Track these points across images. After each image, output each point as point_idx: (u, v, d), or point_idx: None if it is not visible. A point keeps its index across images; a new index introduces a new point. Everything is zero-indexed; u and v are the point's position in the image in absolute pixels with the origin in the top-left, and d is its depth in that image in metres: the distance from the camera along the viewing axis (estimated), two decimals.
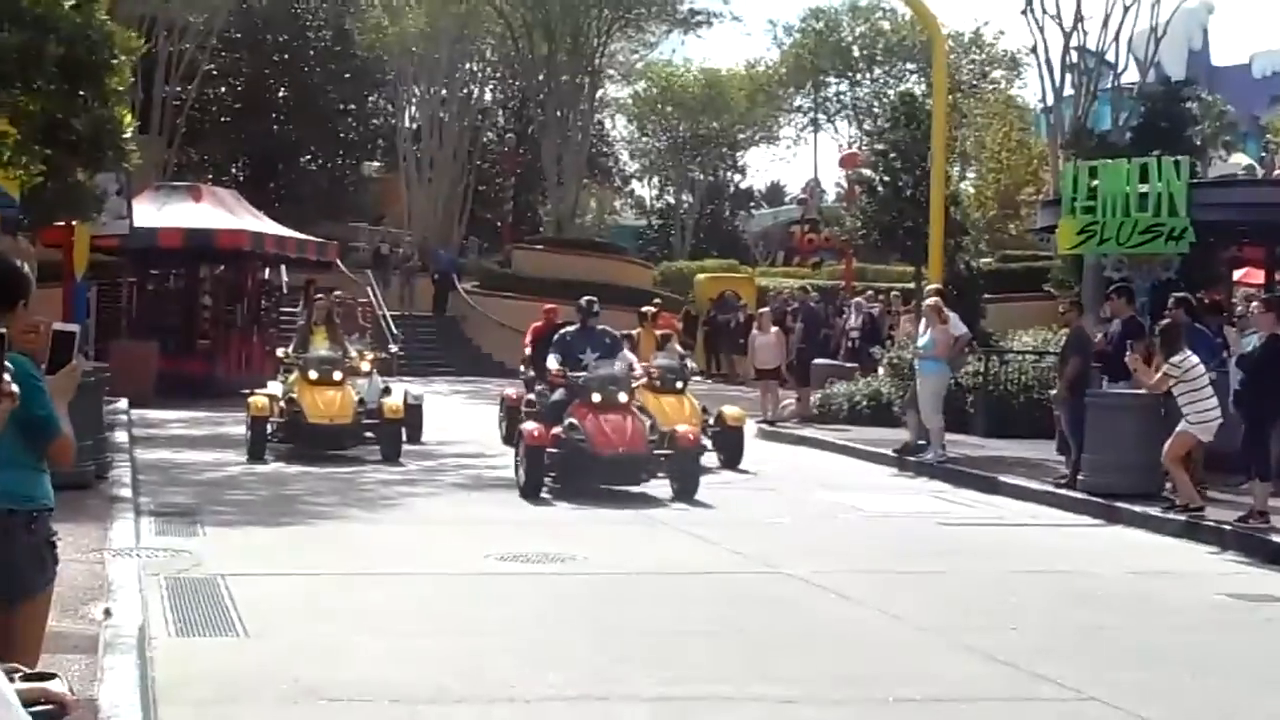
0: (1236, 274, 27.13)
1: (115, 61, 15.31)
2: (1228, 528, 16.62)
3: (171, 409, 27.13)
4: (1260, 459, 17.25)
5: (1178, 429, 17.76)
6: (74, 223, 19.45)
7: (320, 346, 21.26)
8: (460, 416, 28.97)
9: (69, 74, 14.29)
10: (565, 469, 18.77)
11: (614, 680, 9.94)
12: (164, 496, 17.33)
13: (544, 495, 19.19)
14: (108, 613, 9.81)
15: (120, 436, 20.46)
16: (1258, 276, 25.77)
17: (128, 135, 16.80)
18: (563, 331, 20.97)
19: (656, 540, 16.38)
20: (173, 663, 9.47)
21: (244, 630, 10.86)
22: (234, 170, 42.74)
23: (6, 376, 4.71)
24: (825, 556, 15.17)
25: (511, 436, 24.58)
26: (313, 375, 20.26)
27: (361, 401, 20.83)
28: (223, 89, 46.63)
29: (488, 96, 58.97)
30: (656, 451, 19.28)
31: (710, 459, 22.04)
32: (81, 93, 14.70)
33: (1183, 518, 17.31)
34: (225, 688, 9.16)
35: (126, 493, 16.43)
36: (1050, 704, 9.94)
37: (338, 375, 20.44)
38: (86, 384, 12.62)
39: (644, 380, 22.42)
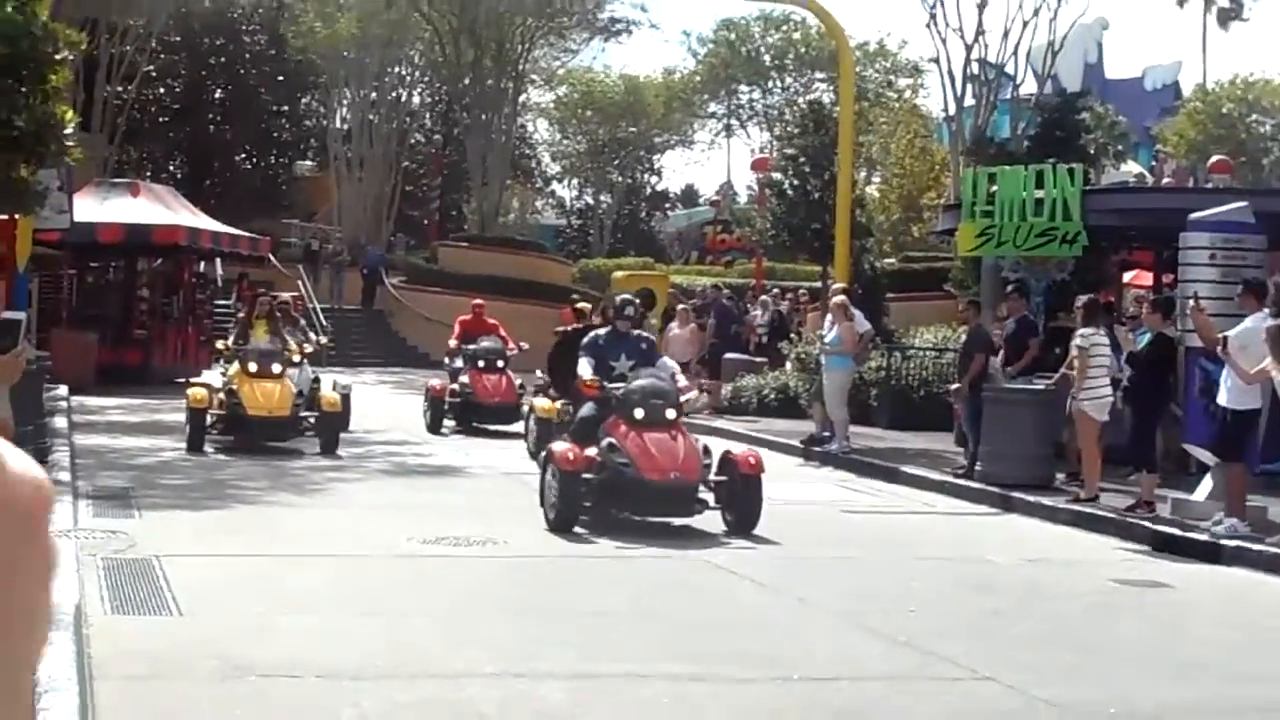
0: (1127, 276, 27.67)
1: (57, 59, 15.49)
2: (1117, 517, 16.91)
3: (110, 396, 27.13)
4: (1147, 452, 17.72)
5: (1075, 412, 18.38)
6: (16, 216, 19.36)
7: (260, 339, 21.02)
8: (387, 406, 28.93)
9: (11, 71, 14.46)
10: (604, 497, 15.07)
11: (532, 658, 10.09)
12: (101, 480, 17.27)
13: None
14: None
15: (60, 422, 20.34)
16: (1146, 279, 26.26)
17: (69, 132, 16.96)
18: (593, 335, 17.08)
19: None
20: (108, 640, 9.56)
21: (177, 609, 10.99)
22: (172, 168, 42.89)
23: None
24: (743, 552, 15.02)
25: (438, 425, 25.49)
26: (253, 368, 19.93)
27: (300, 394, 20.42)
28: (162, 90, 46.65)
29: (415, 100, 59.11)
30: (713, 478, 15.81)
31: None
32: (24, 89, 14.82)
33: (1076, 506, 17.60)
34: (158, 664, 9.33)
35: (65, 476, 15.98)
36: (948, 683, 10.17)
37: (277, 368, 20.18)
38: (28, 371, 12.61)
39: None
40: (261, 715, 8.56)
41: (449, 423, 25.12)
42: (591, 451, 15.24)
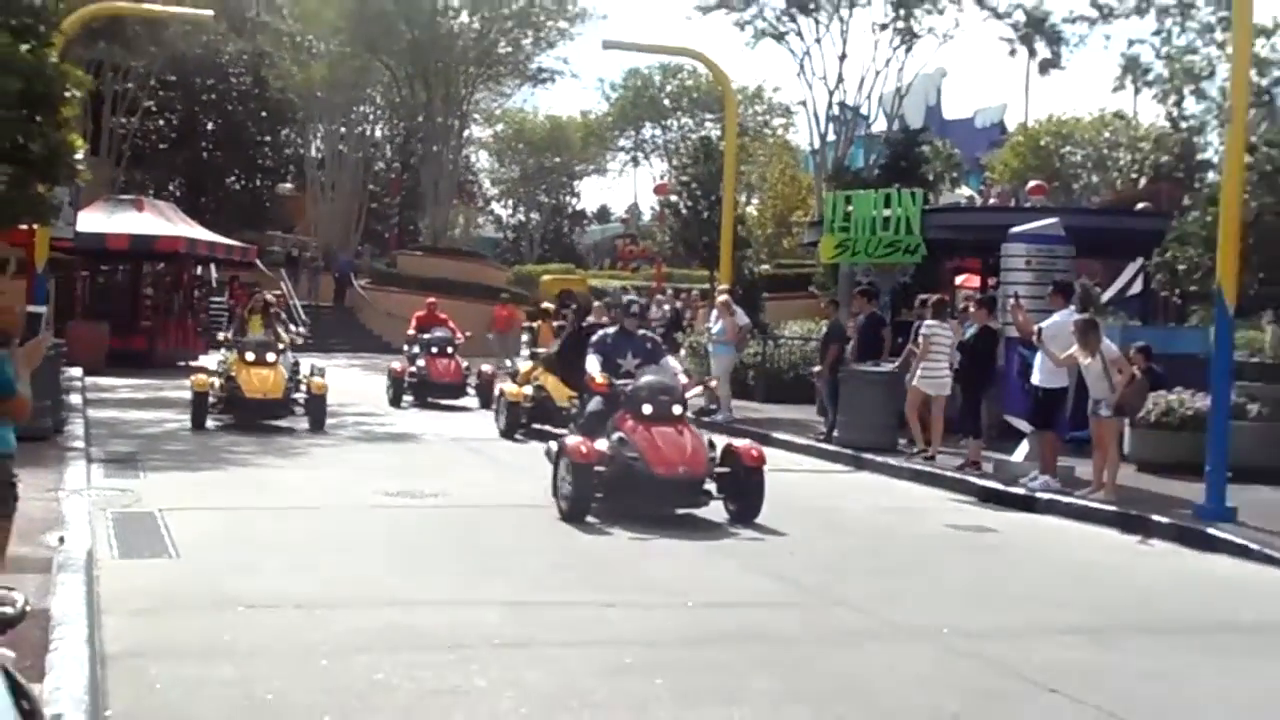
0: (958, 279, 27.55)
1: (67, 95, 15.15)
2: (950, 474, 17.19)
3: (118, 377, 26.64)
4: (973, 421, 17.86)
5: (909, 388, 18.62)
6: (35, 226, 18.85)
7: (256, 332, 20.38)
8: (356, 384, 28.18)
9: (27, 104, 14.09)
10: (614, 490, 13.03)
11: (474, 588, 10.10)
12: (111, 447, 17.10)
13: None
14: (61, 540, 9.77)
15: (75, 399, 20.10)
16: (975, 281, 26.30)
17: (79, 157, 16.66)
18: (601, 334, 15.03)
19: (505, 480, 16.42)
20: (115, 580, 9.42)
21: (176, 553, 10.80)
22: (171, 188, 42.43)
23: None
24: None
25: (398, 400, 24.95)
26: (249, 356, 19.25)
27: (292, 378, 19.66)
28: (161, 122, 46.11)
29: (378, 133, 58.77)
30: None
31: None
32: (38, 119, 14.46)
33: (918, 464, 17.96)
34: (159, 599, 9.10)
35: (79, 444, 16.26)
36: (813, 608, 10.20)
37: (270, 356, 19.44)
38: (48, 356, 12.73)
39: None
40: (246, 639, 8.28)
41: (408, 398, 24.78)
42: (602, 445, 13.19)
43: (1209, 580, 12.16)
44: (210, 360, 24.18)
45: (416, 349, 25.21)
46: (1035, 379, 16.66)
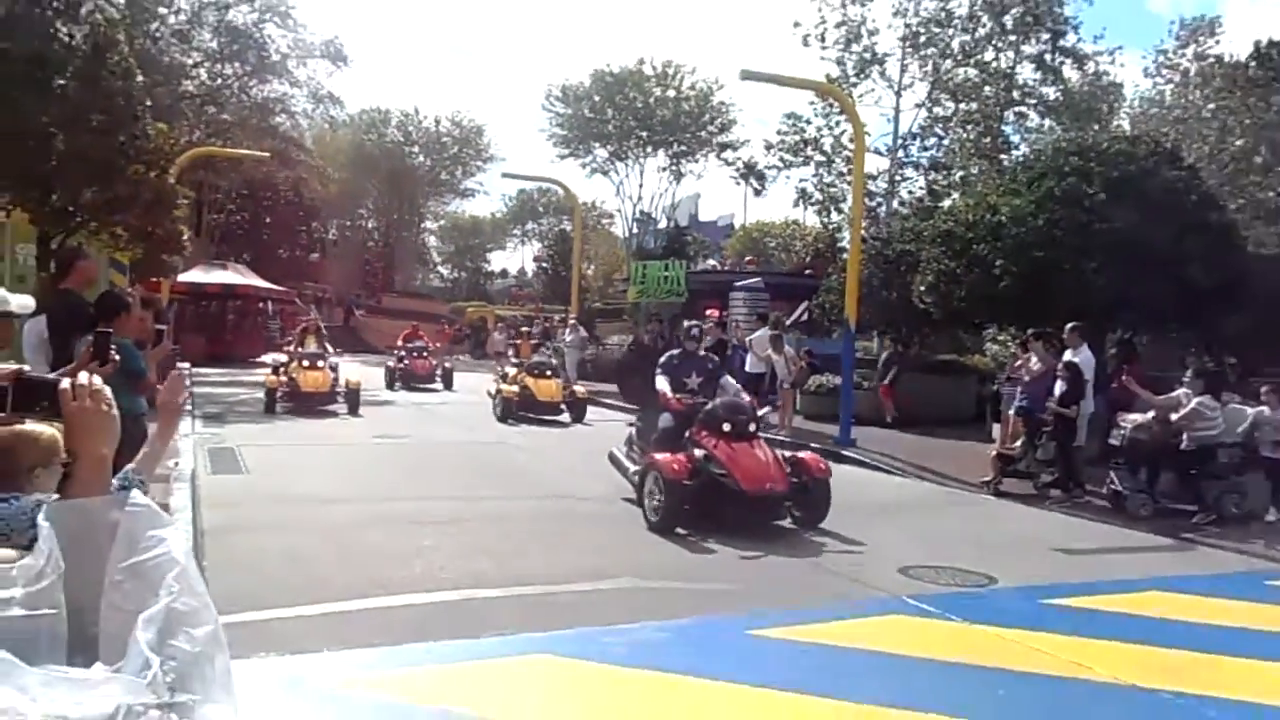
0: (708, 312, 28.72)
1: (178, 201, 15.40)
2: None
3: (212, 368, 26.05)
4: (751, 392, 18.77)
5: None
6: (161, 279, 19.21)
7: (310, 345, 19.21)
8: (360, 374, 27.48)
9: (153, 207, 14.18)
10: (702, 504, 8.83)
11: (431, 490, 10.08)
12: (207, 409, 16.80)
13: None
14: (175, 464, 9.58)
15: (186, 381, 19.25)
16: (717, 313, 27.38)
17: (185, 238, 16.72)
18: (669, 355, 10.66)
19: (457, 429, 16.19)
20: (209, 487, 9.36)
21: (247, 471, 10.77)
22: (245, 256, 41.76)
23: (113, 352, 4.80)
24: (527, 438, 15.25)
25: (391, 385, 23.29)
26: (305, 363, 18.08)
27: (335, 378, 18.18)
28: (239, 217, 45.36)
29: (370, 224, 59.27)
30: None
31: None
32: (161, 217, 14.66)
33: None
34: (236, 497, 9.09)
35: (188, 407, 15.14)
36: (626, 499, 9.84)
37: (321, 363, 18.25)
38: (170, 353, 12.90)
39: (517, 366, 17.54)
40: (290, 516, 8.45)
41: (398, 384, 23.77)
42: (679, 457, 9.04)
43: (847, 478, 11.45)
44: (268, 358, 23.75)
45: (403, 353, 24.61)
46: (747, 368, 17.95)
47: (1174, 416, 10.23)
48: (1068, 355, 11.61)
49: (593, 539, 8.19)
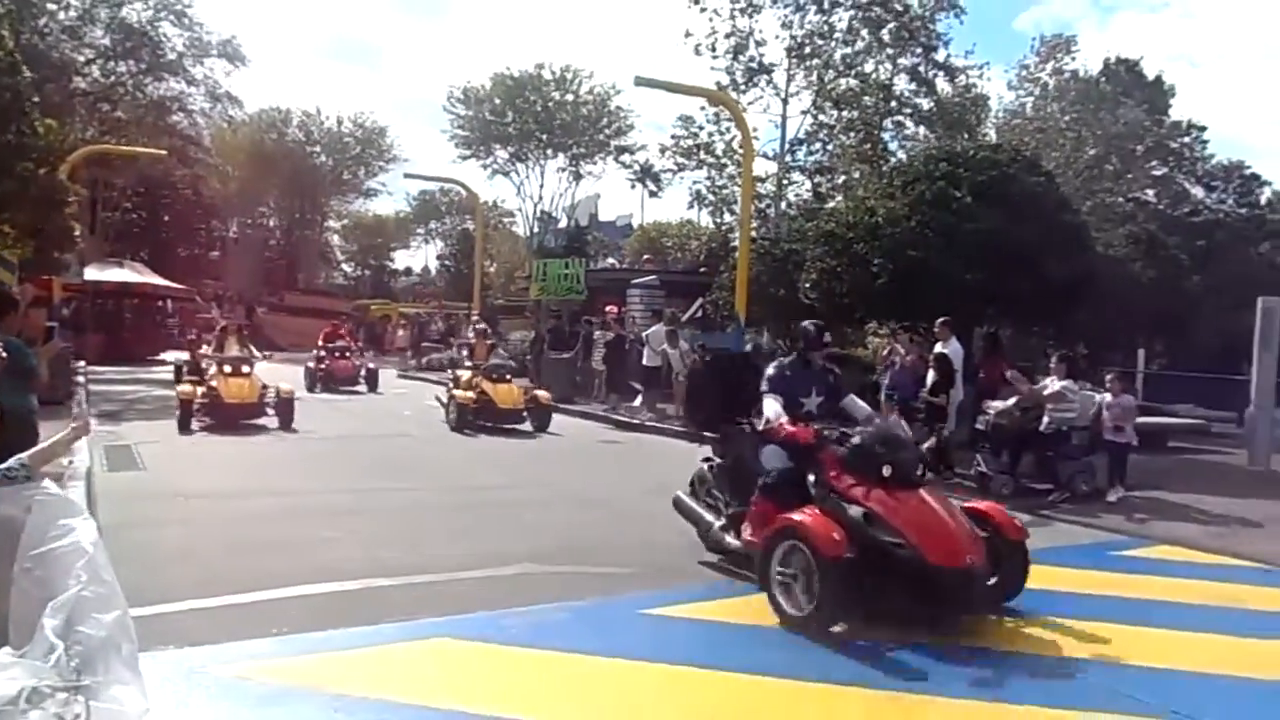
0: (608, 308, 28.77)
1: (70, 199, 14.76)
2: (602, 413, 17.27)
3: (108, 366, 24.86)
4: (615, 384, 18.41)
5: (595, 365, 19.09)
6: (52, 277, 18.17)
7: (232, 348, 16.04)
8: (271, 372, 27.03)
9: (42, 204, 13.55)
10: (872, 589, 5.37)
11: (336, 482, 9.82)
12: (103, 407, 15.99)
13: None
14: (70, 462, 8.70)
15: (80, 378, 18.22)
16: (615, 310, 27.66)
17: (78, 235, 16.12)
18: (779, 365, 6.79)
19: (371, 424, 15.78)
20: (105, 483, 8.81)
21: (145, 468, 10.43)
22: (143, 254, 39.92)
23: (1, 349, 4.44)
24: (420, 428, 14.97)
25: (312, 387, 20.43)
26: (228, 369, 14.89)
27: (265, 387, 14.91)
28: (135, 215, 43.40)
29: (271, 222, 57.07)
30: None
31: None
32: (51, 213, 14.00)
33: (587, 406, 17.91)
34: (134, 494, 8.82)
35: (83, 404, 14.54)
36: (532, 488, 10.00)
37: (246, 369, 15.10)
38: (61, 351, 12.36)
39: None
40: (189, 512, 8.21)
41: (318, 387, 21.10)
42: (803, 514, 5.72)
43: None
44: (169, 356, 22.83)
45: (324, 353, 21.92)
46: (644, 361, 18.06)
47: (1046, 393, 10.74)
48: (938, 347, 12.04)
49: (492, 527, 8.19)
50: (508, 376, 15.92)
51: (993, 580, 5.82)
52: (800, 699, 4.60)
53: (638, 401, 17.69)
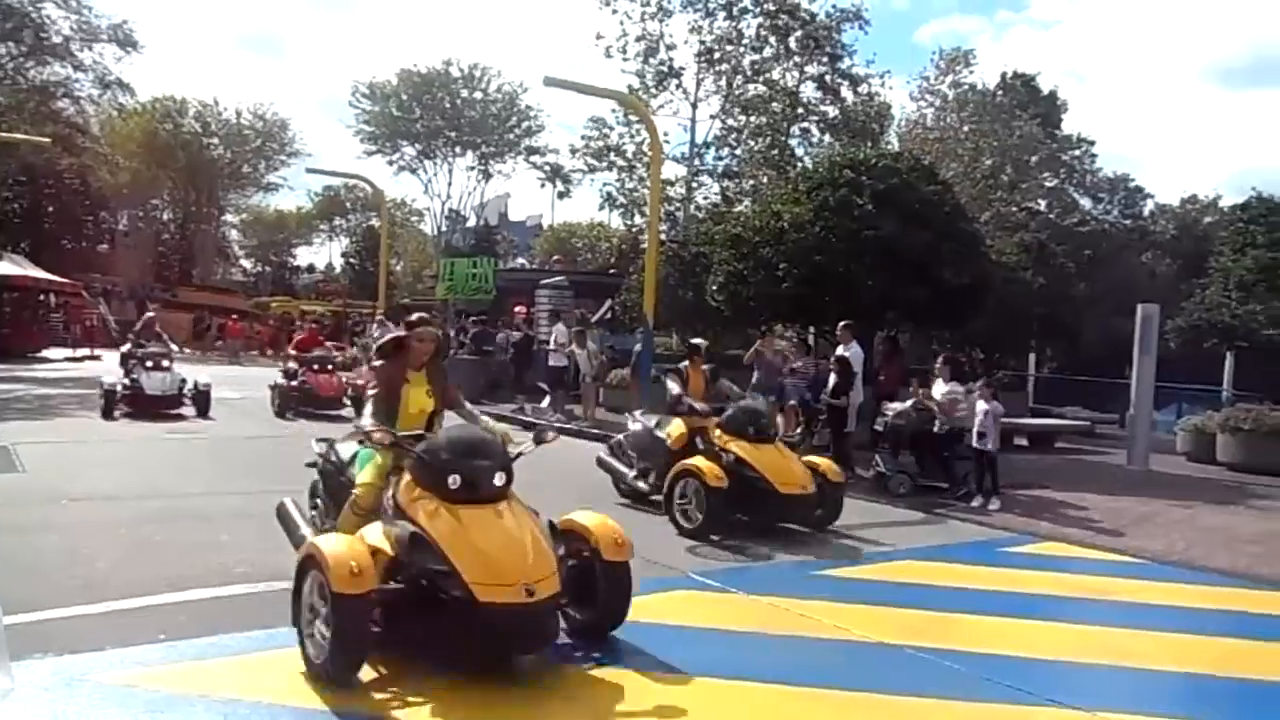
0: (516, 309, 28.81)
1: None
2: (509, 414, 16.15)
3: None
4: (520, 385, 18.45)
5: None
6: None
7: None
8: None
9: None
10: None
11: (222, 486, 9.47)
12: None
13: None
14: None
15: None
16: (524, 311, 27.65)
17: None
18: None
19: (239, 424, 15.12)
20: None
21: (24, 469, 10.01)
22: (23, 247, 37.90)
23: None
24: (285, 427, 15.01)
25: (284, 413, 16.60)
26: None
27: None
28: (16, 205, 41.30)
29: (166, 215, 54.92)
30: None
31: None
32: None
33: (497, 408, 18.67)
34: (10, 497, 8.50)
35: None
36: None
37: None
38: None
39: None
40: (70, 515, 7.89)
41: (290, 413, 16.74)
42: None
43: None
44: (55, 354, 21.48)
45: (295, 366, 17.35)
46: (550, 362, 18.14)
47: (937, 396, 11.05)
48: (839, 350, 12.36)
49: None
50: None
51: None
52: (705, 696, 4.66)
53: (545, 403, 17.64)
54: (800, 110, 28.01)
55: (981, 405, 10.59)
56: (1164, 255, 34.25)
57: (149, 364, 15.34)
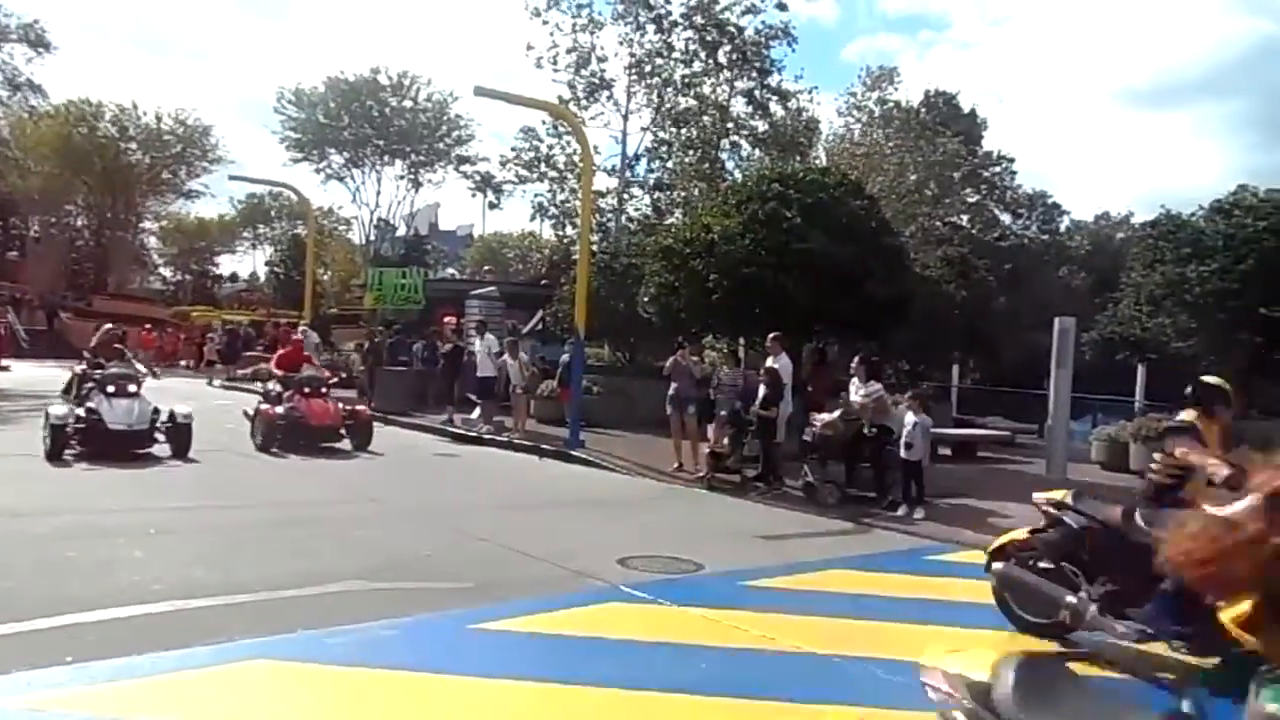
0: (446, 319, 28.60)
1: None
2: (438, 426, 16.89)
3: None
4: (449, 395, 17.81)
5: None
6: None
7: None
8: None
9: None
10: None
11: (138, 503, 9.04)
12: None
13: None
14: None
15: None
16: (454, 321, 27.35)
17: None
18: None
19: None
20: None
21: None
22: None
23: None
24: (240, 442, 13.68)
25: (269, 446, 13.72)
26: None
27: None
28: None
29: (80, 221, 52.92)
30: None
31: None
32: None
33: (422, 419, 17.62)
34: None
35: None
36: (361, 504, 9.65)
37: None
38: None
39: None
40: None
41: (275, 447, 14.24)
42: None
43: (575, 476, 12.67)
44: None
45: (278, 388, 14.84)
46: (479, 373, 17.95)
47: (860, 400, 11.19)
48: (769, 362, 12.47)
49: (317, 544, 7.88)
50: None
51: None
52: (637, 709, 4.64)
53: (475, 414, 17.48)
54: (730, 124, 28.29)
55: (910, 418, 10.77)
56: (1079, 270, 35.39)
57: (110, 389, 12.24)
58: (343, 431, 14.19)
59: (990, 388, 24.14)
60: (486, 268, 37.46)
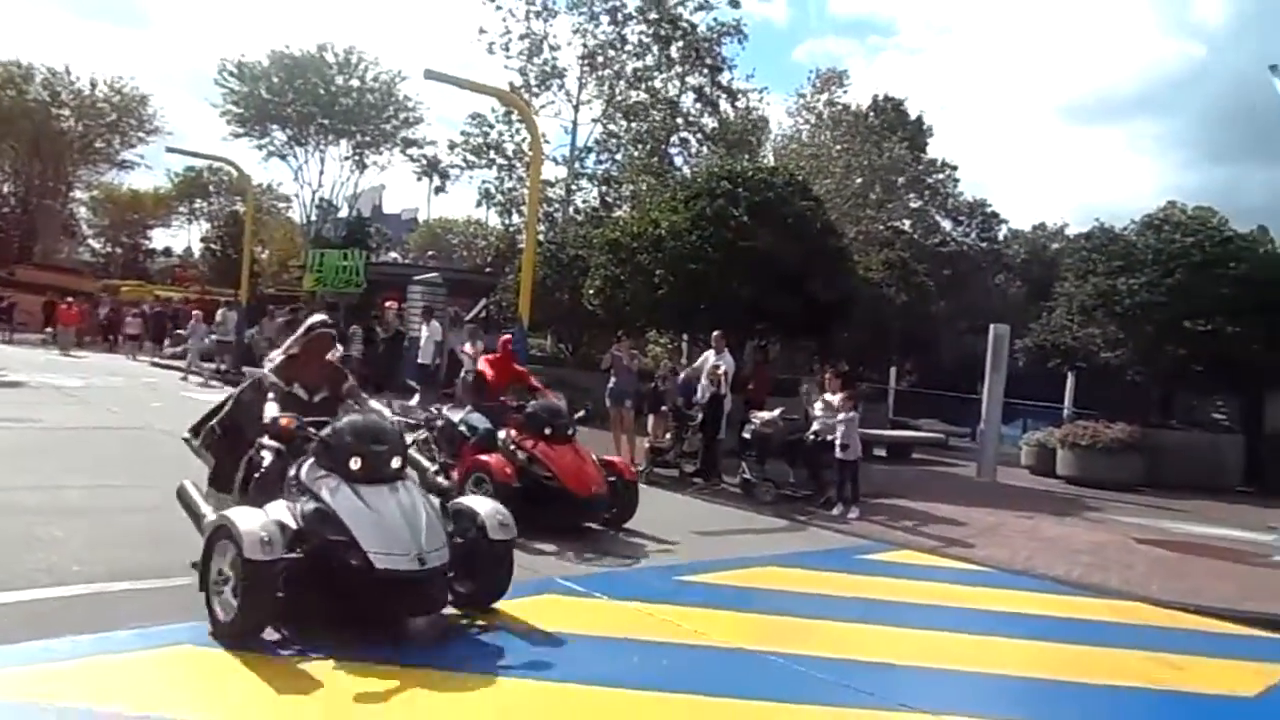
0: (387, 303, 28.29)
1: None
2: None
3: None
4: (390, 381, 18.18)
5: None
6: None
7: None
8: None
9: None
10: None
11: (57, 480, 8.89)
12: None
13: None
14: None
15: None
16: (395, 306, 27.10)
17: None
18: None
19: (97, 411, 14.24)
20: None
21: None
22: None
23: None
24: (169, 421, 13.95)
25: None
26: None
27: None
28: None
29: (7, 188, 50.96)
30: None
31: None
32: None
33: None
34: None
35: None
36: None
37: None
38: None
39: None
40: None
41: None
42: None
43: None
44: None
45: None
46: (419, 359, 17.79)
47: (819, 409, 11.29)
48: (712, 358, 12.53)
49: None
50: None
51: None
52: (565, 701, 4.63)
53: (414, 400, 17.30)
54: (680, 120, 28.34)
55: (842, 415, 10.90)
56: (1015, 278, 36.15)
57: None
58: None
59: (926, 390, 24.56)
60: (430, 253, 37.04)
